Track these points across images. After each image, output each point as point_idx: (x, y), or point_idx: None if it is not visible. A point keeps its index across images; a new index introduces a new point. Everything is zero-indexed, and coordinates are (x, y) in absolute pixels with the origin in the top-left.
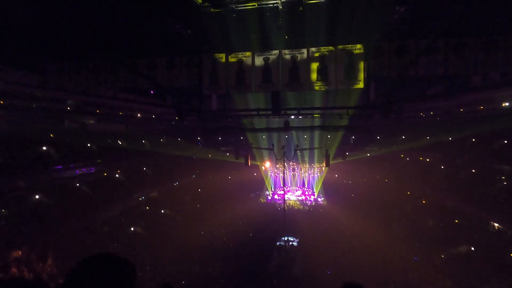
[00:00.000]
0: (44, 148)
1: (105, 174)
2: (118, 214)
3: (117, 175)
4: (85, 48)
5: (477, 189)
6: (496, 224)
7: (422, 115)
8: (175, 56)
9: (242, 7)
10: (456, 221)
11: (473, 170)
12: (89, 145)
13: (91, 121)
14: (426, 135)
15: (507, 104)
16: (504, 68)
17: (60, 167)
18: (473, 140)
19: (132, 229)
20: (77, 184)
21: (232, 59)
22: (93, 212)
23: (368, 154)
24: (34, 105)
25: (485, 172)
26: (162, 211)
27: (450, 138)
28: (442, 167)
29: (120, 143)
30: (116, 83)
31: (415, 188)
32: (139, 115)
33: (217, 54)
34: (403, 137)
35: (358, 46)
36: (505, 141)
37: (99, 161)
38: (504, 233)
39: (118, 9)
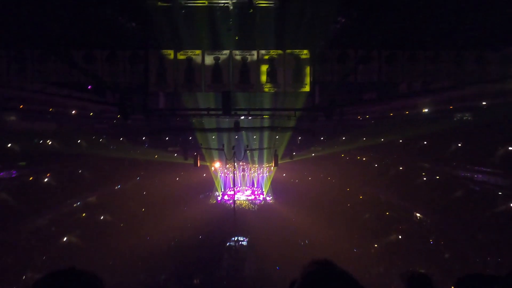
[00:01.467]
0: None
1: (30, 178)
2: (47, 224)
3: (46, 179)
4: (7, 34)
5: (403, 184)
6: (418, 214)
7: (360, 118)
8: (117, 50)
9: (191, 3)
10: (387, 213)
11: (401, 168)
12: (10, 145)
13: (13, 118)
14: (363, 136)
15: (426, 110)
16: (424, 78)
17: None
18: (400, 141)
19: (65, 239)
20: None
21: (181, 56)
22: (16, 223)
23: (313, 154)
24: None
25: (409, 169)
26: (101, 217)
27: (382, 139)
28: (376, 165)
29: (50, 143)
30: (46, 75)
31: (353, 184)
32: (73, 112)
33: (165, 51)
34: (344, 138)
35: (305, 51)
36: (425, 142)
37: (22, 163)
38: (424, 221)
39: None
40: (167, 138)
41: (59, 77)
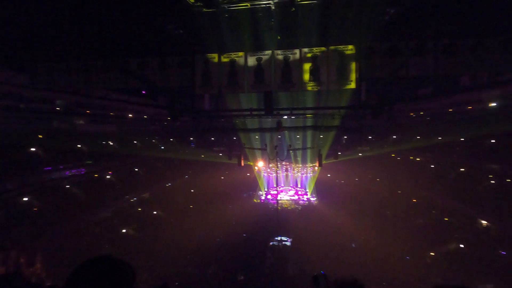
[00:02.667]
0: (33, 149)
1: (95, 175)
2: (110, 216)
3: (108, 176)
4: (76, 48)
5: (466, 188)
6: (484, 222)
7: (413, 115)
8: (167, 56)
9: (234, 7)
10: (446, 219)
11: (462, 169)
12: (79, 146)
13: (81, 122)
14: (417, 135)
15: (494, 104)
16: (491, 69)
17: (50, 168)
18: (462, 139)
19: (124, 230)
20: (67, 186)
21: (224, 59)
22: (85, 214)
23: (360, 154)
24: (24, 105)
25: (473, 171)
26: (155, 212)
27: (439, 138)
28: (432, 166)
29: (111, 144)
30: (107, 83)
31: (406, 187)
32: (130, 115)
33: (210, 54)
34: (394, 137)
35: (350, 47)
36: (493, 141)
37: (89, 162)
38: (492, 230)
39: (109, 9)
40: (212, 139)
41: (119, 84)
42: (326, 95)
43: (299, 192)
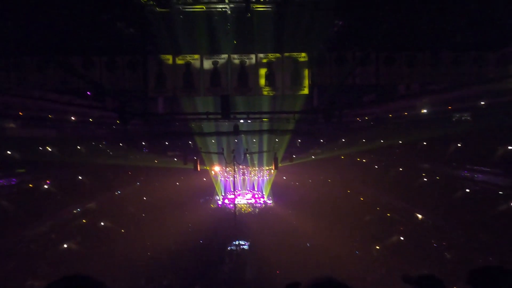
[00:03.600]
0: None
1: (30, 185)
2: (47, 230)
3: (45, 186)
4: (6, 42)
5: (403, 185)
6: (419, 216)
7: (359, 120)
8: (116, 56)
9: (189, 8)
10: (388, 214)
11: (400, 169)
12: (9, 152)
13: (12, 125)
14: (363, 138)
15: (425, 110)
16: (422, 79)
17: None
18: (400, 142)
19: (65, 245)
20: None
21: (179, 61)
22: (16, 230)
23: (313, 156)
24: None
25: (409, 170)
26: (102, 224)
27: (381, 141)
28: (376, 166)
29: (50, 150)
30: (44, 82)
31: (353, 186)
32: (73, 118)
33: (164, 56)
34: (343, 140)
35: (303, 54)
36: (425, 143)
37: (21, 170)
38: (425, 222)
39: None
40: (166, 143)
41: (59, 84)
42: (281, 100)
43: (256, 196)
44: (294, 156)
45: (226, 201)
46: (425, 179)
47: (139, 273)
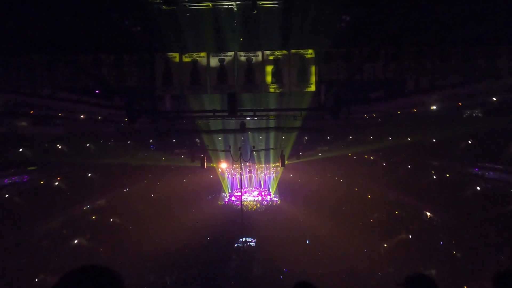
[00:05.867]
0: None
1: (41, 182)
2: (58, 227)
3: (56, 183)
4: (16, 41)
5: (412, 183)
6: (428, 213)
7: (367, 116)
8: (124, 54)
9: (196, 6)
10: (397, 212)
11: (409, 166)
12: (21, 150)
13: (24, 123)
14: (370, 135)
15: (434, 107)
16: (432, 75)
17: None
18: (409, 139)
19: (76, 241)
20: (6, 195)
21: (186, 59)
22: (28, 225)
23: (320, 154)
24: None
25: (418, 167)
26: (111, 220)
27: (390, 138)
28: (384, 164)
29: (60, 147)
30: (54, 81)
31: (361, 184)
32: (82, 116)
33: (170, 54)
34: (351, 137)
35: (310, 51)
36: (434, 140)
37: (33, 168)
38: (435, 220)
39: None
40: (173, 141)
41: (68, 82)
42: (288, 96)
43: (263, 193)
44: (301, 153)
45: (233, 198)
46: (434, 177)
47: (148, 268)
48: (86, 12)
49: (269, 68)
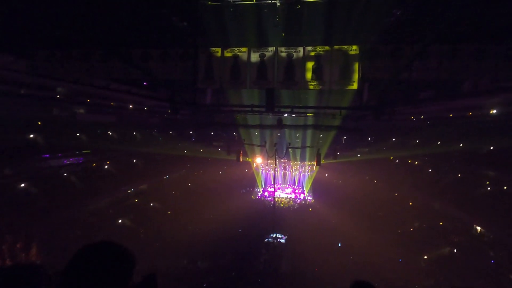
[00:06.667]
0: (32, 136)
1: (94, 165)
2: (106, 206)
3: (106, 167)
4: (76, 35)
5: (462, 193)
6: (478, 228)
7: (413, 118)
8: (170, 48)
9: (240, 2)
10: (441, 223)
11: (459, 175)
12: (78, 135)
13: (81, 111)
14: (416, 138)
15: (495, 111)
16: (494, 75)
17: (47, 156)
18: (461, 145)
19: (120, 221)
20: (65, 174)
21: (227, 54)
22: (81, 203)
23: (359, 155)
24: (22, 92)
25: (470, 176)
26: (151, 204)
27: (438, 142)
28: (430, 170)
29: (110, 134)
30: (108, 73)
31: (402, 190)
32: (130, 106)
33: (213, 48)
34: (393, 139)
35: (354, 47)
36: (491, 147)
37: (87, 151)
38: (485, 236)
39: None
40: (212, 133)
41: (120, 74)
42: (328, 94)
43: (296, 191)
44: (338, 153)
45: (266, 193)
46: (488, 188)
47: (182, 253)
48: (137, 8)
49: (309, 65)
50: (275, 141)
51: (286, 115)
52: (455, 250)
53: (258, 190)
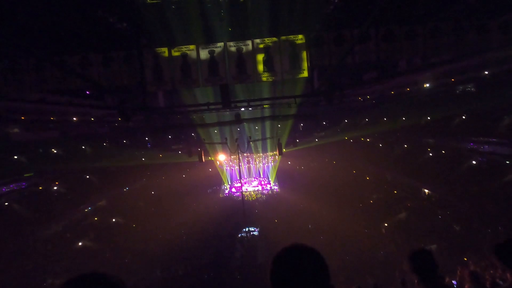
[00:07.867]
0: None
1: (40, 188)
2: (61, 230)
3: (55, 187)
4: (2, 45)
5: (409, 162)
6: (426, 190)
7: (361, 99)
8: (111, 52)
9: None
10: (395, 192)
11: (405, 145)
12: (16, 157)
13: (16, 130)
14: (365, 117)
15: (428, 85)
16: (423, 53)
17: None
18: (403, 118)
19: (80, 243)
20: (6, 203)
21: (175, 53)
22: (31, 231)
23: (317, 140)
24: None
25: (414, 146)
26: (113, 220)
27: (385, 119)
28: (380, 145)
29: (55, 151)
30: (43, 84)
31: (359, 166)
32: (75, 119)
33: (159, 48)
34: (346, 121)
35: (300, 36)
36: (429, 118)
37: (30, 174)
38: (433, 197)
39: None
40: (169, 137)
41: (56, 84)
42: (281, 85)
43: (262, 182)
44: (297, 140)
45: (233, 190)
46: (430, 154)
47: (154, 263)
48: (70, 12)
49: (260, 57)
50: (236, 136)
51: (243, 109)
52: (409, 214)
53: (225, 187)
